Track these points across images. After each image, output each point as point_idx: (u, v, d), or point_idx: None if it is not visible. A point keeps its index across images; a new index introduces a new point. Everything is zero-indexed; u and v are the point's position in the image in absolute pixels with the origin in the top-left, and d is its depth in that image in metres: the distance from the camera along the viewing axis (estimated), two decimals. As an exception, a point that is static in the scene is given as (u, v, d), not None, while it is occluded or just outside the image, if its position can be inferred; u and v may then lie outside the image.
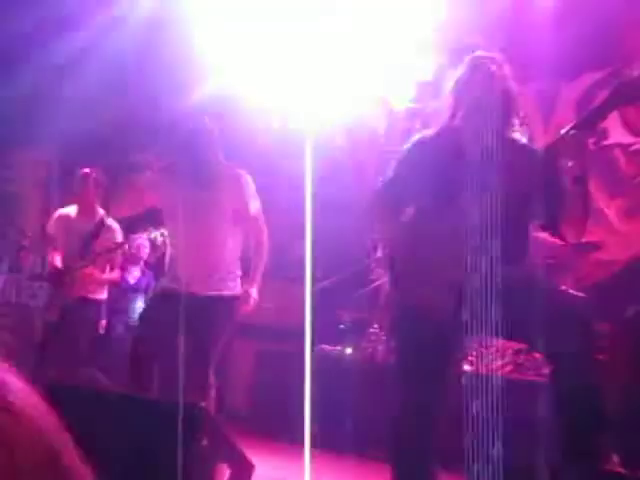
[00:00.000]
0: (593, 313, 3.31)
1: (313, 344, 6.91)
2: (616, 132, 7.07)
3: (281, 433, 6.11)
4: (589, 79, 7.25)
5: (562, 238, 3.57)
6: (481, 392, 3.72)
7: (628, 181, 6.97)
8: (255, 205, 4.69)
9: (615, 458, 4.04)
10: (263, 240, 4.75)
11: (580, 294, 3.36)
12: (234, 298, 4.62)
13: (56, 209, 6.67)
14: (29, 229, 8.80)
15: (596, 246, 6.29)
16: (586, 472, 3.19)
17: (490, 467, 3.00)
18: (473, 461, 3.03)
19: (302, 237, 8.30)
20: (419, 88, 8.41)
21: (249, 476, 3.69)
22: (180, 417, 3.25)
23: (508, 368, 6.25)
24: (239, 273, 4.70)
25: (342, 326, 7.10)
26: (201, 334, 4.41)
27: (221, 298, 4.54)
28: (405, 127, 8.46)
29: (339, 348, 6.75)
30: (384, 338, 6.59)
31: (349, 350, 6.62)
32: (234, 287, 4.64)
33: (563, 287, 3.37)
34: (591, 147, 7.10)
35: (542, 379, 5.87)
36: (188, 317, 4.36)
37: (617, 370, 5.88)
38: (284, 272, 8.07)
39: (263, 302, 7.33)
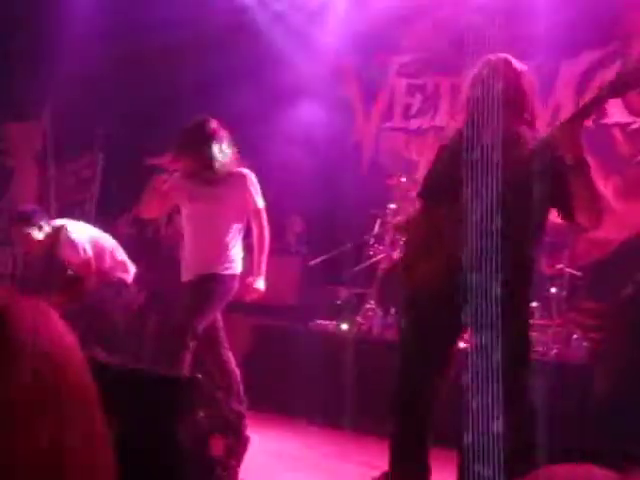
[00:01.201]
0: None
1: (309, 319, 6.96)
2: (615, 111, 7.06)
3: (278, 406, 6.15)
4: (589, 57, 7.23)
5: (579, 227, 3.59)
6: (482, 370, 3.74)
7: (625, 160, 6.98)
8: (260, 201, 4.96)
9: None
10: (265, 234, 5.01)
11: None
12: (230, 277, 4.90)
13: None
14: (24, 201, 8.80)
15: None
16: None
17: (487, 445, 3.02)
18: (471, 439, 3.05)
19: (299, 212, 8.36)
20: (419, 64, 8.40)
21: (244, 449, 3.72)
22: (175, 388, 3.26)
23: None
24: (239, 256, 5.00)
25: (339, 302, 7.12)
26: (189, 304, 4.76)
27: (215, 275, 4.81)
28: (405, 102, 8.47)
29: (335, 323, 6.77)
30: (380, 314, 6.61)
31: (345, 325, 6.64)
32: (230, 267, 4.91)
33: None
34: (589, 126, 7.12)
35: (537, 357, 5.92)
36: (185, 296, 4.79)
37: (613, 348, 5.92)
38: (281, 247, 8.09)
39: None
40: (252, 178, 4.98)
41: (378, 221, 7.07)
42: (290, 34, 8.31)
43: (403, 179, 7.07)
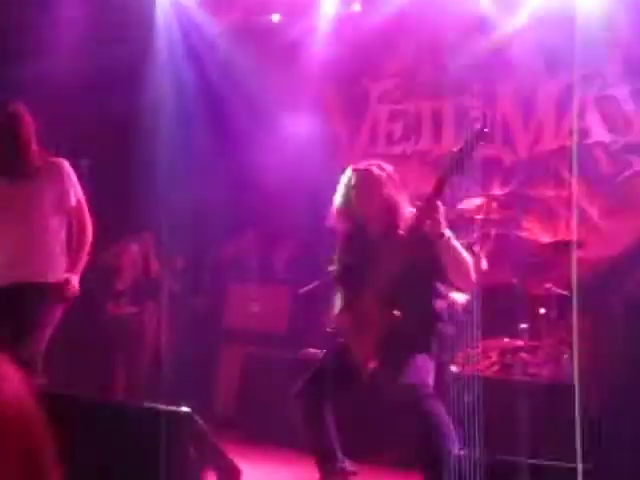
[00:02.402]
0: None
1: (300, 347, 6.94)
2: (597, 131, 7.13)
3: (269, 437, 6.13)
4: (568, 76, 7.30)
5: (459, 289, 4.55)
6: (467, 391, 3.83)
7: (609, 179, 7.03)
8: (76, 194, 4.56)
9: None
10: (86, 229, 4.60)
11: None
12: (58, 284, 4.49)
13: None
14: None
15: (578, 244, 6.33)
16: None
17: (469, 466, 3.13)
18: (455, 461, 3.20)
19: (289, 238, 8.36)
20: (400, 89, 8.45)
21: (236, 481, 3.71)
22: (165, 424, 3.26)
23: (495, 368, 6.28)
24: (64, 261, 4.57)
25: (329, 329, 7.11)
26: (25, 319, 4.34)
27: (45, 285, 4.45)
28: (388, 129, 8.51)
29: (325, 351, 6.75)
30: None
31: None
32: (59, 275, 4.52)
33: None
34: (569, 146, 7.18)
35: (528, 378, 5.92)
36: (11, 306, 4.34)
37: (600, 365, 5.93)
38: (271, 275, 8.10)
39: (250, 306, 7.41)
40: (67, 168, 4.57)
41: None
42: (271, 62, 8.35)
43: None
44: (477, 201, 6.58)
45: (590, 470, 3.36)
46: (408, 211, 4.20)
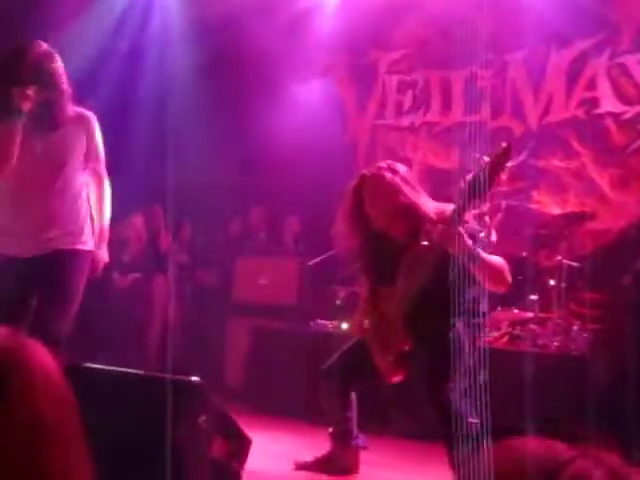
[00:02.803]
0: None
1: (309, 319, 6.95)
2: (607, 101, 7.06)
3: (278, 408, 6.15)
4: (579, 46, 7.23)
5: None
6: (480, 364, 3.83)
7: (620, 150, 6.97)
8: (101, 154, 4.12)
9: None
10: (104, 192, 4.16)
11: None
12: (86, 253, 4.07)
13: None
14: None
15: (589, 216, 6.30)
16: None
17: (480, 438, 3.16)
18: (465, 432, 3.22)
19: (295, 212, 8.35)
20: (409, 60, 8.39)
21: (247, 451, 3.71)
22: (176, 393, 3.26)
23: (504, 339, 6.27)
24: (90, 225, 4.13)
25: (338, 301, 7.11)
26: (50, 293, 3.96)
27: (70, 252, 4.01)
28: (397, 100, 8.46)
29: (335, 323, 6.76)
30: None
31: (345, 325, 6.62)
32: (85, 241, 4.08)
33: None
34: (581, 116, 7.12)
35: (537, 350, 5.91)
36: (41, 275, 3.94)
37: (613, 337, 5.91)
38: (279, 248, 8.09)
39: (259, 280, 7.40)
40: (94, 121, 4.08)
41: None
42: (280, 34, 8.30)
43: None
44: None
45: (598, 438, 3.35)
46: (430, 210, 3.94)
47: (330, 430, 4.35)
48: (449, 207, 3.82)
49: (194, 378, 3.40)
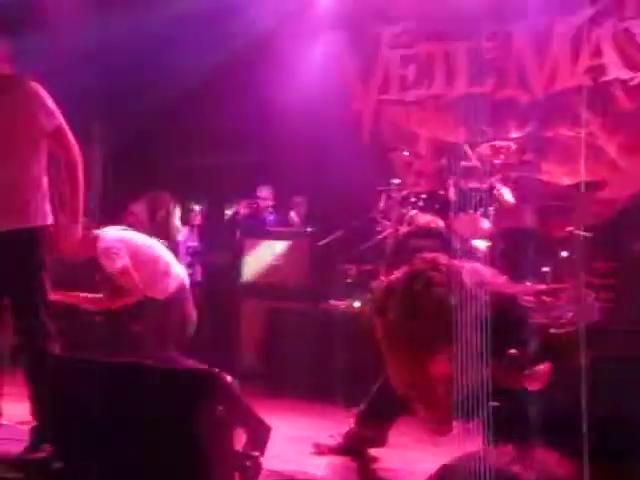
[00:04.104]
0: None
1: (322, 299, 6.95)
2: (614, 68, 6.99)
3: (293, 389, 6.15)
4: (584, 14, 7.16)
5: None
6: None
7: (628, 117, 6.91)
8: (55, 119, 3.92)
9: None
10: (73, 159, 3.97)
11: None
12: (44, 228, 3.96)
13: None
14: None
15: (598, 185, 6.25)
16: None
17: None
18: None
19: (304, 192, 8.32)
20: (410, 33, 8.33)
21: (266, 439, 3.71)
22: (194, 384, 3.26)
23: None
24: (46, 202, 3.99)
25: (349, 280, 7.10)
26: (19, 275, 3.89)
27: (30, 230, 3.91)
28: (400, 74, 8.40)
29: (347, 302, 6.75)
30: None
31: (357, 303, 6.62)
32: (40, 218, 3.95)
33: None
34: (588, 84, 7.07)
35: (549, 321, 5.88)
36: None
37: (622, 307, 5.89)
38: (288, 229, 8.07)
39: (269, 260, 7.39)
40: (42, 90, 3.91)
41: (383, 196, 7.02)
42: (281, 9, 8.23)
43: (405, 153, 7.04)
44: (496, 144, 6.51)
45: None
46: None
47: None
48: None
49: (213, 368, 3.40)
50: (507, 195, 6.24)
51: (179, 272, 5.24)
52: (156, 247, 5.26)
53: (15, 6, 6.56)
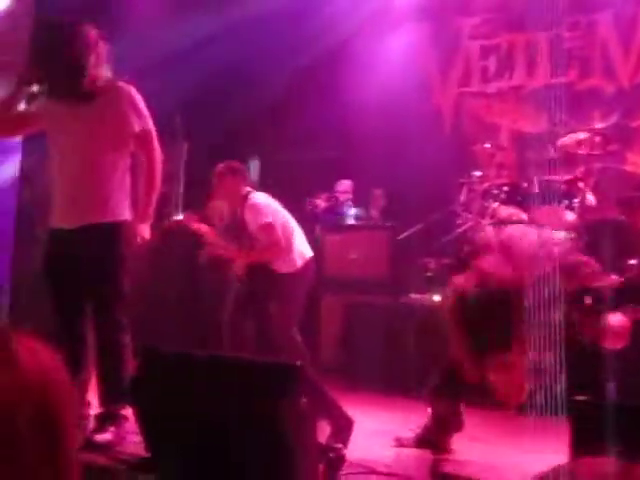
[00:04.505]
0: None
1: (402, 293, 6.92)
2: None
3: (373, 384, 6.14)
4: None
5: None
6: None
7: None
8: (141, 123, 4.08)
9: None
10: (153, 163, 4.11)
11: None
12: (120, 224, 4.08)
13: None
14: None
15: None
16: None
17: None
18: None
19: (381, 184, 8.30)
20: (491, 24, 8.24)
21: (349, 431, 3.71)
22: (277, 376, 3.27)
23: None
24: (126, 199, 4.12)
25: (429, 273, 7.05)
26: (96, 270, 4.03)
27: (111, 225, 4.05)
28: (481, 65, 8.31)
29: (427, 296, 6.71)
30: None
31: (437, 297, 6.57)
32: (119, 213, 4.09)
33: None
34: None
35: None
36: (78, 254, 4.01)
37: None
38: (367, 221, 8.06)
39: (349, 254, 7.39)
40: (132, 92, 4.08)
41: (464, 189, 6.95)
42: (359, 6, 8.23)
43: (487, 145, 6.96)
44: (579, 135, 6.38)
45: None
46: None
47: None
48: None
49: (295, 361, 3.41)
50: (589, 196, 6.14)
51: (304, 251, 5.89)
52: (292, 223, 5.95)
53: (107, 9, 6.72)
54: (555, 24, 7.38)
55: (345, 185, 8.40)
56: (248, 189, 5.96)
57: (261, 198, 5.91)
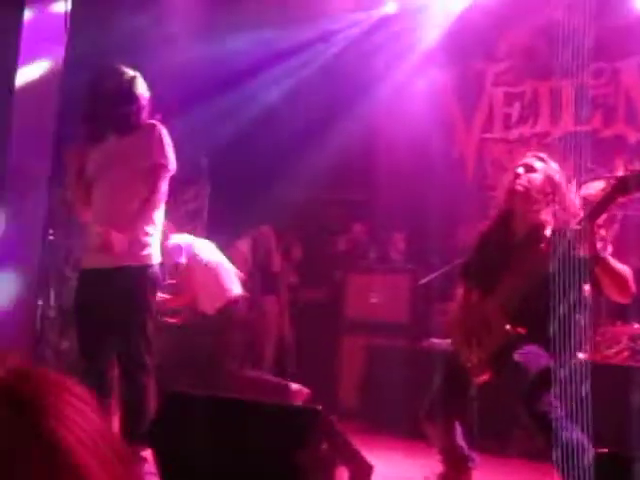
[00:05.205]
0: None
1: (422, 337, 6.89)
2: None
3: (392, 427, 6.10)
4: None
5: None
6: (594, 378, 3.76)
7: None
8: (155, 157, 4.16)
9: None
10: (151, 199, 4.17)
11: None
12: (146, 267, 4.15)
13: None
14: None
15: None
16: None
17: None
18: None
19: (402, 228, 8.31)
20: (515, 71, 8.28)
21: (369, 477, 3.69)
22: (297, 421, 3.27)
23: (624, 354, 6.09)
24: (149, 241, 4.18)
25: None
26: (125, 312, 4.10)
27: (138, 268, 4.12)
28: (504, 112, 8.34)
29: (448, 341, 6.67)
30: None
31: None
32: (147, 257, 4.16)
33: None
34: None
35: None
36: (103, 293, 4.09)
37: None
38: (388, 265, 8.06)
39: (370, 297, 7.38)
40: (163, 132, 4.19)
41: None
42: (384, 50, 8.32)
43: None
44: (601, 184, 6.37)
45: None
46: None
47: (439, 457, 4.29)
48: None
49: (315, 405, 3.41)
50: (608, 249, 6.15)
51: (231, 289, 5.91)
52: (215, 260, 5.93)
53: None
54: (579, 71, 7.42)
55: (366, 227, 8.42)
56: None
57: (177, 238, 5.91)
